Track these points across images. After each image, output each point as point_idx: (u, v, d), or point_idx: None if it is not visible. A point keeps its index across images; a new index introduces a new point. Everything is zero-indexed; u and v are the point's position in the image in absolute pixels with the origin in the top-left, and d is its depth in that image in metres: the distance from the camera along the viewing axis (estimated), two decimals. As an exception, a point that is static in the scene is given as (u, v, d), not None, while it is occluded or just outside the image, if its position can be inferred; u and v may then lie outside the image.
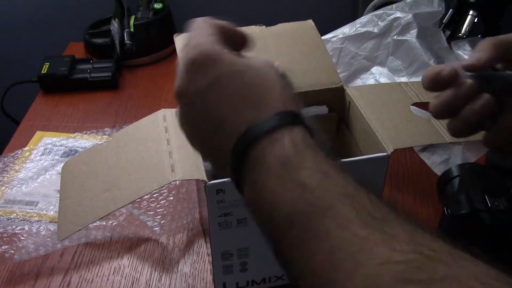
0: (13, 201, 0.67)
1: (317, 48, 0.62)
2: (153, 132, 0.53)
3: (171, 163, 0.48)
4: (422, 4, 0.84)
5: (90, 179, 0.52)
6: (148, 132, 0.53)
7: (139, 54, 0.97)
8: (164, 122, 0.54)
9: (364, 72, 0.85)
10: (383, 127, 0.52)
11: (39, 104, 0.90)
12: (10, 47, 1.19)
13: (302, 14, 0.66)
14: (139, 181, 0.49)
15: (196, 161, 0.48)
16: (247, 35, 0.36)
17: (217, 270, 0.54)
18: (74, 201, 0.50)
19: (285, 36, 0.63)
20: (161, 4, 1.01)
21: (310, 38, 0.63)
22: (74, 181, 0.53)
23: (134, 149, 0.52)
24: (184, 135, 0.35)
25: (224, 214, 0.48)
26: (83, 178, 0.52)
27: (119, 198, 0.48)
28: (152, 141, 0.52)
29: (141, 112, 0.87)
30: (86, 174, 0.52)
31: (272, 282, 0.57)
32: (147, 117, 0.55)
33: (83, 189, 0.51)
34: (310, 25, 0.64)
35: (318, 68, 0.59)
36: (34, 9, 1.16)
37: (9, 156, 0.75)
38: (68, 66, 0.91)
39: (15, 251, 0.60)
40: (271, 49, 0.61)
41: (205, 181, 0.46)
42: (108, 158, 0.52)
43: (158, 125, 0.53)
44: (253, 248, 0.52)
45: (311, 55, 0.61)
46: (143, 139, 0.53)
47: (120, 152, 0.52)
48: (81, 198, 0.50)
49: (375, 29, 0.84)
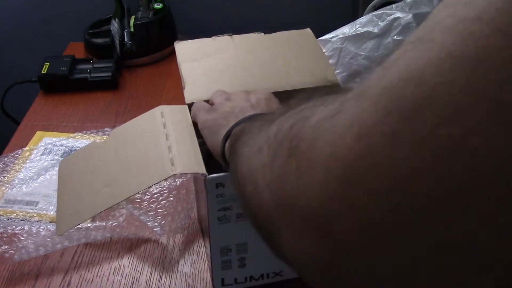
0: (13, 201, 0.67)
1: (314, 52, 0.62)
2: (151, 128, 0.53)
3: (170, 157, 0.49)
4: (422, 4, 0.84)
5: (88, 175, 0.52)
6: (146, 128, 0.53)
7: (139, 54, 0.97)
8: (162, 118, 0.54)
9: (364, 72, 0.85)
10: None
11: (39, 104, 0.90)
12: (10, 47, 1.19)
13: (302, 14, 0.66)
14: (139, 175, 0.49)
15: (195, 156, 0.48)
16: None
17: (215, 266, 0.54)
18: (72, 197, 0.50)
19: (283, 42, 0.63)
20: (161, 4, 1.01)
21: (307, 44, 0.64)
22: (72, 178, 0.53)
23: (132, 145, 0.52)
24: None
25: (224, 209, 0.49)
26: (82, 174, 0.52)
27: (119, 192, 0.48)
28: (150, 137, 0.52)
29: (141, 112, 0.85)
30: (85, 171, 0.53)
31: (270, 278, 0.57)
32: (144, 114, 0.55)
33: (81, 185, 0.51)
34: (308, 33, 0.65)
35: (315, 68, 0.60)
36: (34, 9, 1.16)
37: (9, 156, 0.75)
38: (68, 66, 0.91)
39: (15, 251, 0.60)
40: (268, 52, 0.61)
41: (205, 174, 0.46)
42: (107, 154, 0.53)
43: (156, 121, 0.53)
44: (252, 243, 0.53)
45: (308, 57, 0.62)
46: (141, 135, 0.53)
47: (118, 148, 0.52)
48: (80, 194, 0.50)
49: (375, 29, 0.84)
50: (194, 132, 0.51)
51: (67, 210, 0.50)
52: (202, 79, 0.57)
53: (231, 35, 0.63)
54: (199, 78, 0.57)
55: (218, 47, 0.62)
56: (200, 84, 0.57)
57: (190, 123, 0.53)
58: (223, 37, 0.63)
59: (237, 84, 0.56)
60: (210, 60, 0.60)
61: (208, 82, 0.57)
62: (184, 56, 0.60)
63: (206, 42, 0.62)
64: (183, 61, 0.59)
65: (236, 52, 0.61)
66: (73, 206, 0.49)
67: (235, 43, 0.62)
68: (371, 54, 0.85)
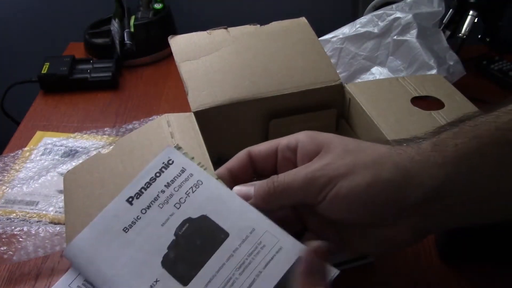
0: (13, 201, 0.67)
1: (313, 46, 0.62)
2: (158, 138, 0.52)
3: None
4: (422, 4, 0.84)
5: (96, 189, 0.50)
6: (153, 138, 0.52)
7: (139, 54, 0.98)
8: (168, 127, 0.53)
9: (364, 72, 0.85)
10: (386, 122, 0.52)
11: (39, 104, 0.89)
12: (10, 47, 1.19)
13: (302, 14, 0.66)
14: None
15: (205, 165, 0.48)
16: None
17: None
18: (81, 212, 0.49)
19: (279, 35, 0.63)
20: (161, 4, 1.01)
21: (304, 36, 0.63)
22: (79, 191, 0.51)
23: (140, 156, 0.51)
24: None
25: None
26: (89, 188, 0.51)
27: None
28: (158, 147, 0.51)
29: (141, 112, 0.87)
30: (92, 184, 0.51)
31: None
32: (150, 123, 0.54)
33: (89, 199, 0.50)
34: (304, 23, 0.64)
35: (316, 66, 0.59)
36: (34, 9, 1.16)
37: (9, 156, 0.75)
38: (68, 66, 0.91)
39: (14, 252, 0.59)
40: (267, 48, 0.61)
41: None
42: (113, 166, 0.51)
43: (163, 131, 0.52)
44: None
45: (307, 53, 0.61)
46: (148, 146, 0.51)
47: (125, 160, 0.51)
48: (89, 209, 0.48)
49: (375, 29, 0.84)
50: (202, 141, 0.51)
51: (75, 227, 0.48)
52: (204, 83, 0.57)
53: (226, 28, 0.63)
54: (200, 81, 0.57)
55: (215, 42, 0.61)
56: (203, 89, 0.56)
57: (198, 131, 0.52)
58: (218, 30, 0.62)
59: (241, 87, 0.56)
60: (209, 58, 0.59)
61: (210, 86, 0.56)
62: (181, 54, 0.59)
63: (202, 37, 0.62)
64: (181, 60, 0.59)
65: (234, 48, 0.61)
66: (82, 222, 0.48)
67: (231, 36, 0.62)
68: (371, 54, 0.85)
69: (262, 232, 0.37)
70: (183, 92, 0.56)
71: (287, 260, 0.36)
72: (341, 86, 0.58)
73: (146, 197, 0.40)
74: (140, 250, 0.38)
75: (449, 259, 0.57)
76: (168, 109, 0.86)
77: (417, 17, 0.81)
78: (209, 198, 0.39)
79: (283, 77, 0.58)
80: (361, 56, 0.85)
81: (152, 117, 0.81)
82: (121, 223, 0.40)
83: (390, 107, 0.54)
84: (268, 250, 0.36)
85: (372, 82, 0.61)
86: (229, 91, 0.55)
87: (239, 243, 0.37)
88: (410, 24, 0.81)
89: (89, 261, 0.40)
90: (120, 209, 0.40)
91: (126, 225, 0.40)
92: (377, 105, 0.55)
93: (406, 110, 0.54)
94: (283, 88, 0.57)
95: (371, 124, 0.53)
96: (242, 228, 0.37)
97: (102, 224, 0.40)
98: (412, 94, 0.56)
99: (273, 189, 0.37)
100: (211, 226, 0.38)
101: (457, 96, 0.56)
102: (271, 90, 0.56)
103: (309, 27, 0.64)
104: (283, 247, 0.36)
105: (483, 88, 0.90)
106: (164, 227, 0.39)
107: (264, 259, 0.36)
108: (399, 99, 0.56)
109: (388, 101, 0.55)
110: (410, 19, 0.81)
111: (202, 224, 0.38)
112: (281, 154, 0.40)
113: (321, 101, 0.59)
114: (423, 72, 0.78)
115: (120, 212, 0.40)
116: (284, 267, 0.35)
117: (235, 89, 0.56)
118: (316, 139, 0.39)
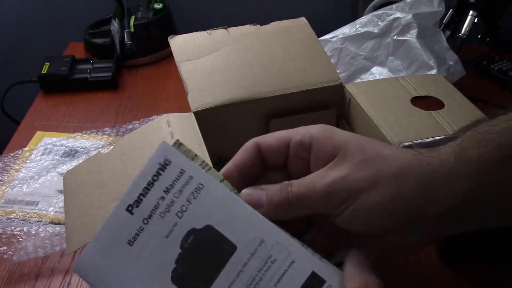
0: (13, 201, 0.67)
1: (313, 46, 0.62)
2: (158, 138, 0.51)
3: None
4: (422, 4, 0.84)
5: (96, 189, 0.50)
6: (153, 138, 0.52)
7: (139, 54, 0.98)
8: (168, 127, 0.53)
9: (364, 72, 0.85)
10: (386, 122, 0.52)
11: (39, 104, 0.90)
12: (10, 47, 1.19)
13: (302, 15, 0.66)
14: None
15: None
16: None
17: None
18: (81, 212, 0.49)
19: (279, 35, 0.63)
20: (161, 4, 1.01)
21: (304, 36, 0.63)
22: (79, 191, 0.51)
23: (140, 156, 0.51)
24: None
25: None
26: (88, 188, 0.51)
27: None
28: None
29: (141, 112, 0.87)
30: (91, 184, 0.51)
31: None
32: (150, 123, 0.54)
33: (89, 199, 0.50)
34: (304, 23, 0.64)
35: (316, 66, 0.59)
36: (34, 9, 1.16)
37: (9, 156, 0.75)
38: (68, 66, 0.91)
39: (14, 252, 0.59)
40: (267, 48, 0.61)
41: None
42: (113, 166, 0.51)
43: (163, 131, 0.52)
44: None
45: (307, 53, 0.61)
46: (148, 146, 0.51)
47: (125, 160, 0.51)
48: (89, 209, 0.49)
49: (375, 29, 0.84)
50: (202, 141, 0.51)
51: (76, 227, 0.48)
52: (204, 83, 0.57)
53: (226, 28, 0.63)
54: (200, 81, 0.57)
55: (214, 42, 0.61)
56: (203, 89, 0.56)
57: (198, 131, 0.52)
58: (218, 30, 0.62)
59: (241, 87, 0.56)
60: (209, 58, 0.59)
61: (210, 86, 0.56)
62: (181, 54, 0.59)
63: (202, 37, 0.62)
64: (181, 60, 0.59)
65: (234, 48, 0.61)
66: (82, 222, 0.48)
67: (231, 36, 0.62)
68: (371, 54, 0.85)
69: (271, 244, 0.35)
70: (183, 92, 0.56)
71: (300, 275, 0.34)
72: (341, 86, 0.58)
73: (146, 205, 0.38)
74: (147, 265, 0.36)
75: (449, 259, 0.57)
76: (168, 109, 0.86)
77: (417, 17, 0.81)
78: (212, 204, 0.37)
79: (283, 77, 0.58)
80: (361, 56, 0.85)
81: (152, 117, 0.82)
82: (125, 236, 0.37)
83: (390, 107, 0.54)
84: (279, 265, 0.34)
85: (372, 82, 0.61)
86: (229, 91, 0.56)
87: (247, 258, 0.35)
88: (410, 24, 0.81)
89: (100, 279, 0.38)
90: (121, 220, 0.37)
91: (130, 238, 0.37)
92: (377, 105, 0.55)
93: (406, 110, 0.54)
94: (283, 88, 0.57)
95: (371, 124, 0.53)
96: (250, 240, 0.35)
97: (106, 236, 0.38)
98: (412, 94, 0.56)
99: (287, 200, 0.36)
100: (217, 237, 0.36)
101: (457, 96, 0.56)
102: (271, 90, 0.56)
103: (309, 27, 0.64)
104: (296, 260, 0.34)
105: (483, 88, 0.90)
106: (169, 240, 0.36)
107: (275, 274, 0.34)
108: (399, 99, 0.56)
109: (388, 101, 0.55)
110: (410, 19, 0.81)
111: (208, 235, 0.36)
112: (293, 151, 0.38)
113: (321, 101, 0.59)
114: (423, 72, 0.78)
115: (122, 223, 0.37)
116: (297, 283, 0.34)
117: (235, 89, 0.56)
118: (332, 139, 0.37)
